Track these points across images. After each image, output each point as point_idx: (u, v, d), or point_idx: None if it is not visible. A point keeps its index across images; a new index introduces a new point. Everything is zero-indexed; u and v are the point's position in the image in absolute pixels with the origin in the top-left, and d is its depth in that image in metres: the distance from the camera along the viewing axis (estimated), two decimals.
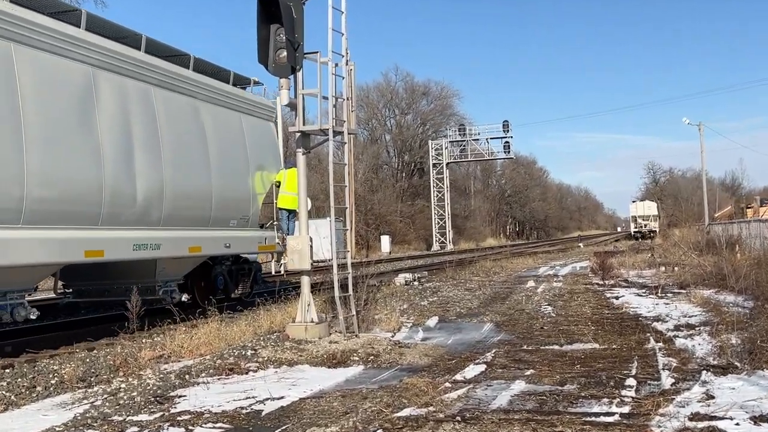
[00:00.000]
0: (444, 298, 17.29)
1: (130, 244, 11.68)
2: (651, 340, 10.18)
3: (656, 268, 23.62)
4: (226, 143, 14.35)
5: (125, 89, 11.82)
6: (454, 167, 77.60)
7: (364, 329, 11.62)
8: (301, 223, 11.29)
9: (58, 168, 10.20)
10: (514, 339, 10.95)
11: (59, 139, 10.24)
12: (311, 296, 11.21)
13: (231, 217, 14.55)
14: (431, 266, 32.72)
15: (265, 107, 16.32)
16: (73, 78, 10.82)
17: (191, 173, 13.23)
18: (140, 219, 11.81)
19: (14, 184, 9.45)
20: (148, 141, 12.18)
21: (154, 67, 12.62)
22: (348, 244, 11.59)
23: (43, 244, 9.95)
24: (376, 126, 79.98)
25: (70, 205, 10.41)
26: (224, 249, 14.37)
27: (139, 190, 11.82)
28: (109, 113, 11.30)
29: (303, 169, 11.33)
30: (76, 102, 10.75)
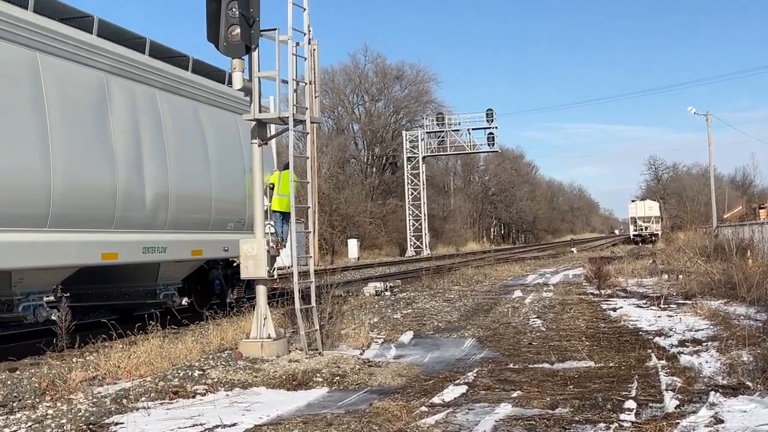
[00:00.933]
0: (420, 311, 17.31)
1: (140, 247, 13.39)
2: (653, 357, 10.28)
3: (658, 276, 23.88)
4: (224, 145, 15.73)
5: (134, 94, 13.51)
6: (431, 161, 77.76)
7: (328, 346, 11.59)
8: (257, 225, 11.26)
9: (79, 173, 11.90)
10: (499, 356, 10.99)
11: (80, 145, 11.94)
12: (268, 309, 11.17)
13: (229, 221, 16.22)
14: (405, 274, 32.76)
15: None
16: (90, 85, 12.50)
17: (194, 176, 14.76)
18: (149, 222, 13.45)
19: (42, 189, 11.19)
20: (155, 144, 13.83)
21: (159, 71, 14.28)
22: (310, 249, 11.54)
23: (66, 246, 11.65)
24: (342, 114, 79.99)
25: (89, 209, 12.13)
26: (223, 252, 15.91)
27: (147, 193, 13.54)
28: (121, 118, 12.80)
29: (259, 163, 11.29)
30: (92, 109, 12.45)
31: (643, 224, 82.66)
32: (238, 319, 13.93)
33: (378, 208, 68.82)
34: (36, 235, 11.15)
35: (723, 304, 15.64)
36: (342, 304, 16.23)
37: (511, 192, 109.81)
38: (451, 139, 67.31)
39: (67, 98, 11.86)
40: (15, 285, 11.43)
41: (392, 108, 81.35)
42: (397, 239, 68.03)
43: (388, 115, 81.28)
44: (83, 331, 13.28)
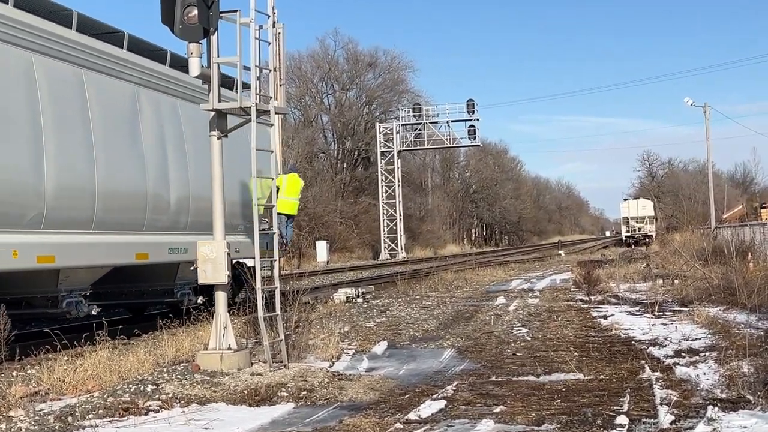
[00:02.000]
0: (394, 319, 17.33)
1: (166, 248, 15.58)
2: (646, 368, 10.35)
3: (652, 281, 24.04)
4: (235, 149, 16.73)
5: (159, 104, 15.72)
6: (407, 156, 77.91)
7: (295, 358, 11.56)
8: (216, 226, 11.21)
9: (117, 180, 14.05)
10: (481, 368, 11.02)
11: (117, 154, 14.14)
12: (228, 317, 11.12)
13: (239, 222, 18.15)
14: (379, 279, 32.74)
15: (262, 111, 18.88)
16: (124, 96, 14.77)
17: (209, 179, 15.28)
18: (173, 225, 15.58)
19: (89, 195, 13.45)
20: (177, 151, 16.08)
21: (180, 81, 16.28)
22: (276, 252, 11.51)
23: (107, 247, 13.90)
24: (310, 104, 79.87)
25: (125, 213, 14.35)
26: (234, 253, 17.00)
27: (172, 197, 15.71)
28: (149, 127, 14.51)
29: (218, 158, 11.24)
30: (127, 119, 14.73)
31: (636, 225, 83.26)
32: (195, 329, 13.85)
33: (349, 207, 68.76)
34: (83, 237, 13.40)
35: (722, 311, 15.79)
36: (310, 312, 16.18)
37: (493, 190, 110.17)
38: (428, 132, 67.45)
39: (106, 110, 14.03)
40: (61, 282, 13.35)
41: (365, 98, 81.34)
42: (370, 241, 68.02)
43: (360, 105, 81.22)
44: (23, 341, 13.15)
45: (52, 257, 12.81)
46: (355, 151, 79.33)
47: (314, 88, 79.94)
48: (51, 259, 12.92)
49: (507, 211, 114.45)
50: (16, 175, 12.11)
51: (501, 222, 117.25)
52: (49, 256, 12.85)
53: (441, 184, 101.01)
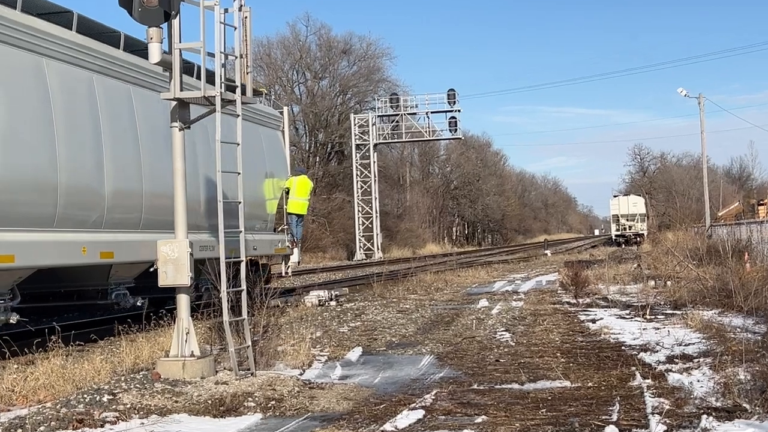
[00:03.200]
0: (370, 323, 17.34)
1: (198, 246, 16.88)
2: (637, 375, 10.40)
3: (643, 283, 24.18)
4: (252, 153, 20.33)
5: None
6: (384, 150, 77.95)
7: (263, 365, 11.53)
8: (178, 224, 11.16)
9: (159, 185, 16.07)
10: (462, 376, 11.04)
11: (158, 161, 16.16)
12: (191, 321, 11.07)
13: (256, 221, 20.83)
14: (353, 281, 32.75)
15: (274, 117, 23.44)
16: (160, 108, 16.01)
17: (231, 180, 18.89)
18: (200, 225, 17.13)
19: (139, 199, 15.97)
20: (208, 155, 17.19)
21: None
22: (242, 252, 11.47)
23: (151, 245, 14.97)
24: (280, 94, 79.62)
25: (164, 214, 15.63)
26: (252, 251, 20.10)
27: (202, 199, 17.77)
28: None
29: (180, 150, 11.20)
30: (164, 128, 16.13)
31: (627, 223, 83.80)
32: (156, 334, 13.81)
33: (322, 203, 68.66)
34: (133, 235, 15.77)
35: (717, 314, 15.89)
36: (279, 316, 16.21)
37: (476, 186, 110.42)
38: (407, 124, 67.45)
39: (148, 120, 16.26)
40: (111, 276, 15.67)
41: (338, 87, 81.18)
42: (344, 240, 67.99)
43: (334, 95, 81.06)
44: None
45: (111, 253, 15.40)
46: (329, 144, 79.21)
47: (284, 77, 79.75)
48: (110, 255, 15.64)
49: (490, 208, 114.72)
50: (85, 179, 14.43)
51: (484, 220, 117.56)
52: (109, 252, 15.55)
53: (420, 180, 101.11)
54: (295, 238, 23.09)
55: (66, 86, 14.11)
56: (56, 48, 13.92)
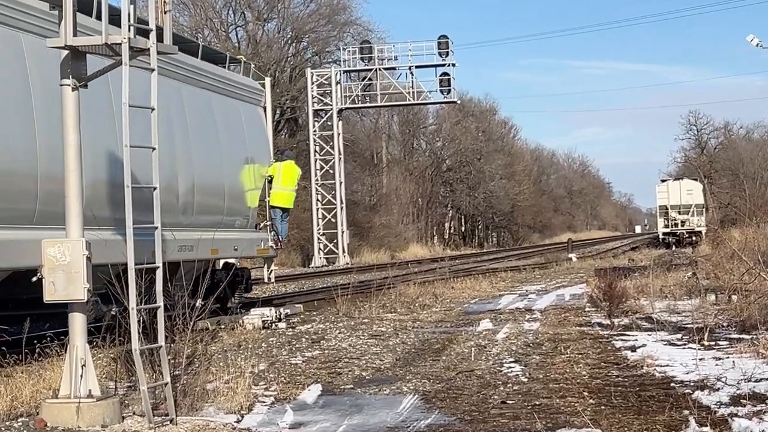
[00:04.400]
0: (333, 352, 17.38)
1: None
2: (691, 421, 10.43)
3: (701, 297, 24.26)
4: (232, 135, 23.31)
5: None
6: (352, 117, 77.92)
7: (186, 409, 11.50)
8: (71, 217, 11.09)
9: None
10: (456, 423, 11.05)
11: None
12: (88, 350, 11.01)
13: (236, 217, 22.90)
14: (310, 294, 32.71)
15: (254, 90, 25.51)
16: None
17: (221, 169, 22.70)
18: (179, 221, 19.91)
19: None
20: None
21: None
22: (157, 254, 11.40)
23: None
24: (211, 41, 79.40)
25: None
26: (233, 252, 22.88)
27: (180, 190, 20.50)
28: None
29: (74, 117, 11.15)
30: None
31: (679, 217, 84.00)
32: (40, 367, 13.71)
33: None
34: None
35: None
36: (210, 343, 16.12)
37: (476, 166, 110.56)
38: (383, 83, 67.21)
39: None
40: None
41: (290, 32, 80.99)
42: (298, 240, 67.77)
43: (284, 43, 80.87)
44: None
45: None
46: (277, 110, 78.97)
47: (216, 18, 79.39)
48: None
49: (495, 197, 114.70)
50: None
51: (487, 213, 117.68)
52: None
53: (401, 158, 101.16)
54: (280, 236, 24.91)
55: None
56: None
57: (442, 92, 67.37)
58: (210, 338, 16.95)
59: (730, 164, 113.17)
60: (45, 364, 13.91)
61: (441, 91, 67.26)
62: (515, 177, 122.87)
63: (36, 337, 15.52)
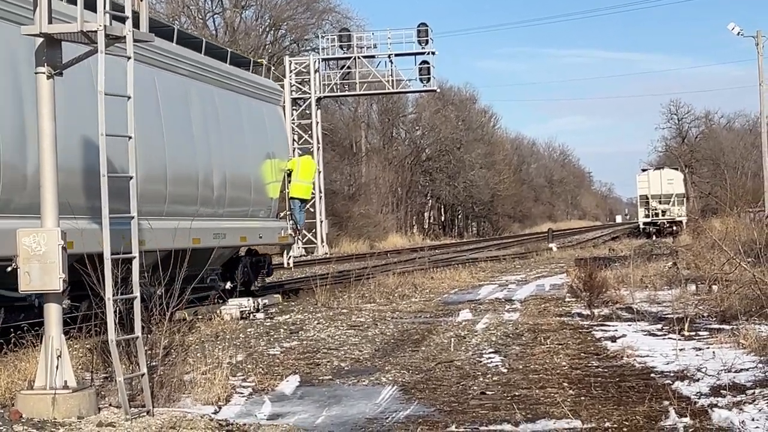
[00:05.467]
0: (311, 343, 17.40)
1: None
2: (671, 412, 10.48)
3: (681, 288, 24.34)
4: (257, 133, 26.19)
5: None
6: (330, 106, 77.83)
7: (163, 400, 11.49)
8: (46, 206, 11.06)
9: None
10: (435, 414, 11.06)
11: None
12: (64, 341, 10.98)
13: (261, 208, 25.88)
14: (289, 284, 32.71)
15: (275, 91, 28.79)
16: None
17: (247, 165, 25.52)
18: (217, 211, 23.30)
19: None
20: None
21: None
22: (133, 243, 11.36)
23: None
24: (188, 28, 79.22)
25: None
26: (259, 239, 26.06)
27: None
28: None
29: (49, 106, 11.10)
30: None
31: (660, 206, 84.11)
32: (15, 357, 13.67)
33: None
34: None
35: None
36: (187, 333, 16.10)
37: (456, 155, 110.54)
38: (362, 71, 67.04)
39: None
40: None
41: (268, 19, 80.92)
42: None
43: (262, 30, 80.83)
44: None
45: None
46: None
47: (193, 5, 79.24)
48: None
49: (475, 186, 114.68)
50: None
51: (467, 202, 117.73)
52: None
53: (380, 148, 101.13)
54: (298, 225, 28.35)
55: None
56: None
57: (422, 81, 67.00)
58: (187, 329, 16.93)
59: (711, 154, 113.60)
60: (20, 354, 13.86)
61: (420, 80, 66.88)
62: (495, 166, 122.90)
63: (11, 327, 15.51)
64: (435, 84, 69.30)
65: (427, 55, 65.90)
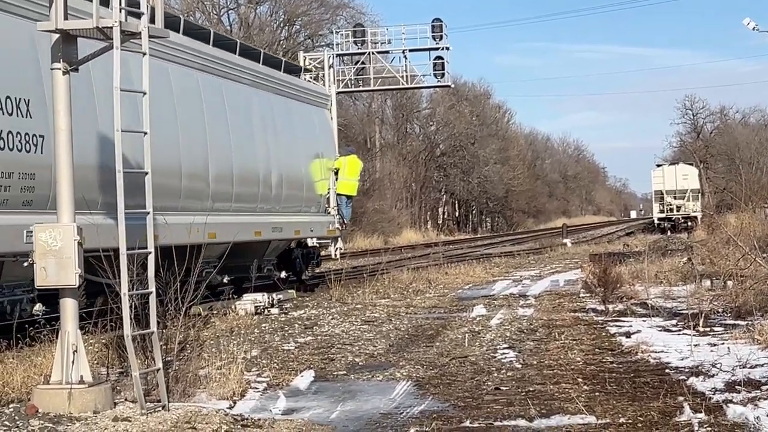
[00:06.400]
0: (325, 338, 17.41)
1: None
2: (686, 408, 10.48)
3: (696, 283, 24.27)
4: (307, 135, 29.10)
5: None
6: (345, 101, 77.65)
7: (178, 395, 11.53)
8: (62, 202, 11.09)
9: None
10: (449, 409, 11.08)
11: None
12: (80, 336, 11.03)
13: (312, 203, 28.82)
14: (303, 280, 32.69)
15: (322, 96, 32.23)
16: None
17: (300, 164, 28.43)
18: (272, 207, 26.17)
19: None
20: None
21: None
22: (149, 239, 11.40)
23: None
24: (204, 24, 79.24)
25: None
26: (310, 232, 28.92)
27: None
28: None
29: (65, 101, 11.13)
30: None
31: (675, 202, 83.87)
32: (31, 352, 13.71)
33: None
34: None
35: None
36: (202, 329, 16.15)
37: (470, 151, 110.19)
38: (376, 67, 66.65)
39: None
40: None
41: (283, 16, 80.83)
42: None
43: (277, 26, 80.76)
44: None
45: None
46: None
47: (209, 2, 79.29)
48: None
49: (489, 182, 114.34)
50: None
51: (481, 198, 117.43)
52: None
53: (394, 143, 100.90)
54: (345, 219, 30.79)
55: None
56: None
57: (436, 76, 66.68)
58: (202, 324, 17.00)
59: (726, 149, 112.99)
60: (36, 349, 13.92)
61: (435, 75, 66.56)
62: (509, 162, 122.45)
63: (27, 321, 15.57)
64: (449, 79, 68.90)
65: (441, 51, 65.49)
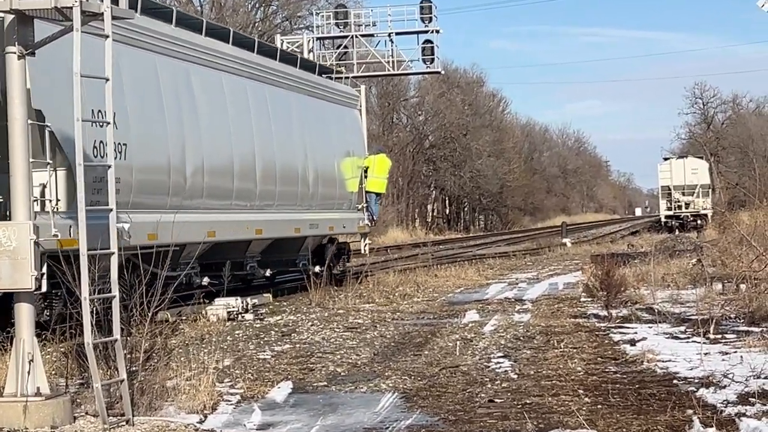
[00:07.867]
0: (304, 346, 17.40)
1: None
2: (695, 422, 10.46)
3: (706, 286, 24.31)
4: (339, 134, 32.24)
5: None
6: None
7: (144, 408, 11.48)
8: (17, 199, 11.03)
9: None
10: (439, 424, 11.07)
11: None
12: (36, 344, 10.97)
13: (344, 201, 32.01)
14: (280, 283, 32.67)
15: (352, 96, 35.25)
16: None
17: (333, 163, 31.61)
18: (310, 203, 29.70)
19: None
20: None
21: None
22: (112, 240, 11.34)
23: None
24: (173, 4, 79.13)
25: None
26: (342, 228, 32.08)
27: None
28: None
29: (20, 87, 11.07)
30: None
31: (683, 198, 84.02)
32: None
33: None
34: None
35: None
36: (170, 336, 16.09)
37: (462, 143, 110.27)
38: (360, 51, 66.74)
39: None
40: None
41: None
42: None
43: (251, 7, 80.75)
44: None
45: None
46: None
47: None
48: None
49: (483, 176, 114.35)
50: None
51: (473, 194, 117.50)
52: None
53: (380, 134, 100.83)
54: (374, 216, 34.05)
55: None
56: None
57: (425, 61, 66.78)
58: (170, 331, 16.94)
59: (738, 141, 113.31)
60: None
61: (423, 61, 66.67)
62: (504, 154, 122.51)
63: None
64: (439, 65, 69.00)
65: (430, 34, 65.61)
